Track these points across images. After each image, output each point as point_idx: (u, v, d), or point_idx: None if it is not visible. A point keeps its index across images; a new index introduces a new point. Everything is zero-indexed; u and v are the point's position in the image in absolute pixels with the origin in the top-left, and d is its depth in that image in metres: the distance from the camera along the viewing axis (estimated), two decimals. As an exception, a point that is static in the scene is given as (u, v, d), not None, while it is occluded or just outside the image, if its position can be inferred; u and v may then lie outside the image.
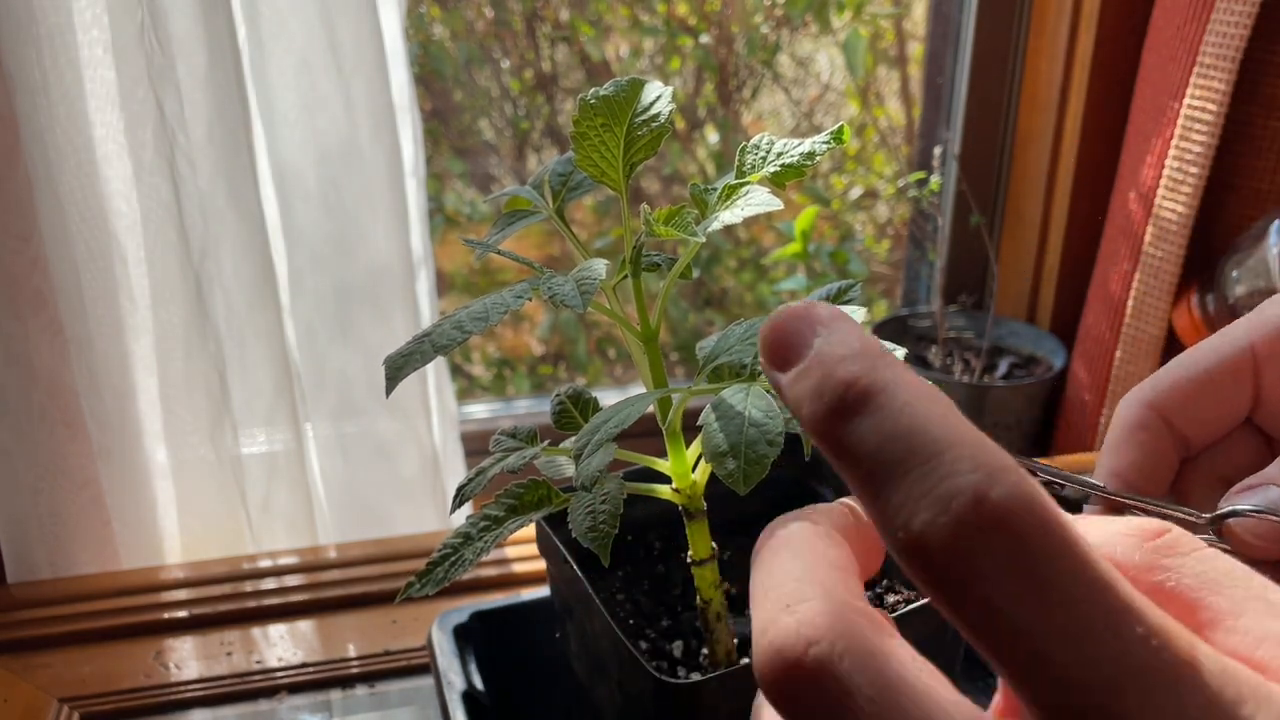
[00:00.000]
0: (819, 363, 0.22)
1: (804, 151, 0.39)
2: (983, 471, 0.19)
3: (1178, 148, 0.94)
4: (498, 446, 0.43)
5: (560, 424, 0.43)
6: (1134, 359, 1.01)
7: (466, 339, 0.34)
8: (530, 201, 0.43)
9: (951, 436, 0.19)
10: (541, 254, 1.72)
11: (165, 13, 0.74)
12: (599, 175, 0.39)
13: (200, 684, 0.69)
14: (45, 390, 0.78)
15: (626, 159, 0.38)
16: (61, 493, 0.81)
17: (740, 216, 0.36)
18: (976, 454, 0.19)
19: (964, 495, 0.19)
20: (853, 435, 0.21)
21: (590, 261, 0.36)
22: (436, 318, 0.93)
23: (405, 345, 0.35)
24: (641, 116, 0.38)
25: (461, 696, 0.55)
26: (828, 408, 0.21)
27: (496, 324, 0.34)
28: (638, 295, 0.38)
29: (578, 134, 0.38)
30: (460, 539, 0.41)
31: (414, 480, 0.95)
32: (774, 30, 1.68)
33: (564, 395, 0.43)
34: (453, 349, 0.34)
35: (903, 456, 0.20)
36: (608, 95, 0.37)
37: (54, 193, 0.74)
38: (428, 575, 0.40)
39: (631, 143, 0.38)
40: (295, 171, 0.84)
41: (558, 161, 0.43)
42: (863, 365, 0.21)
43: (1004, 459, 0.19)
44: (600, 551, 0.37)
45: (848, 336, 0.22)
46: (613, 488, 0.38)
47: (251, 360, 0.86)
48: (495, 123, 1.72)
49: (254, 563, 0.82)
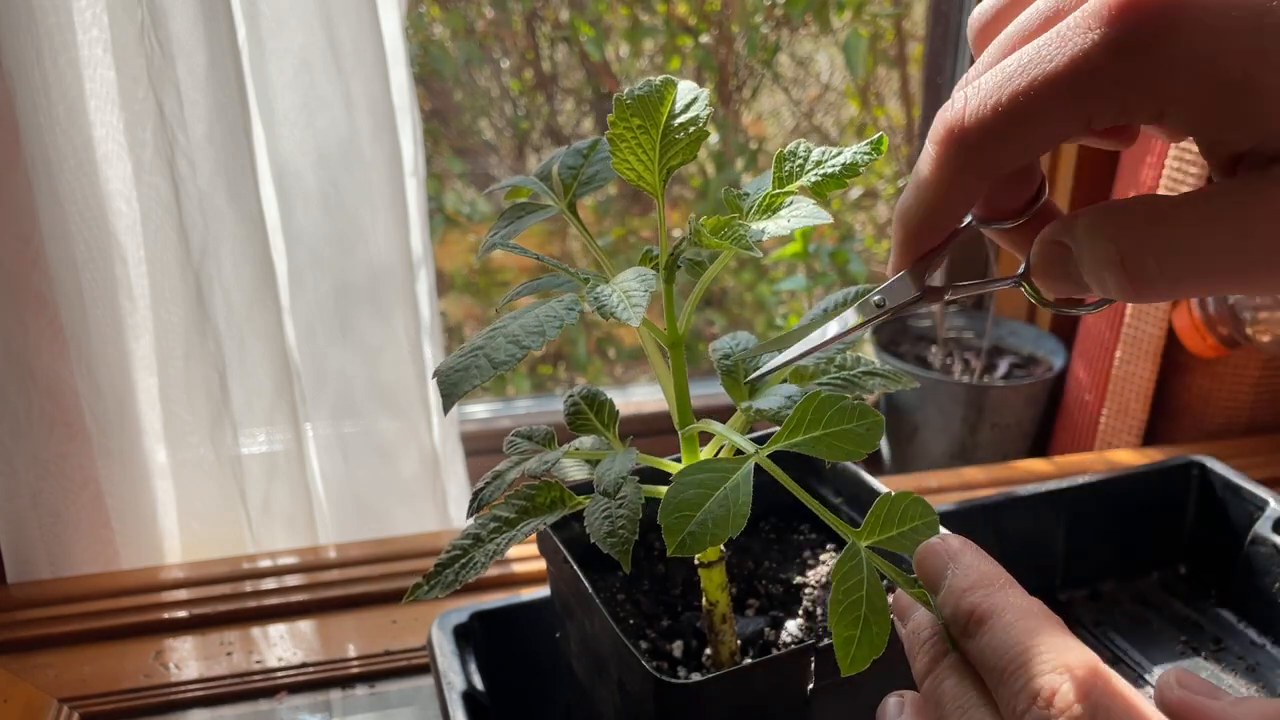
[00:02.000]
0: (949, 594, 0.32)
1: (845, 163, 0.38)
2: (1059, 672, 0.28)
3: (1178, 147, 0.94)
4: (513, 449, 0.42)
5: (574, 425, 0.42)
6: (1134, 359, 1.01)
7: (524, 355, 0.33)
8: (531, 191, 0.42)
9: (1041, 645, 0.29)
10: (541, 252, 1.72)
11: (165, 13, 0.74)
12: (635, 179, 0.38)
13: (200, 684, 0.69)
14: (45, 390, 0.78)
15: (663, 163, 0.37)
16: (61, 493, 0.81)
17: (788, 228, 0.34)
18: (1057, 657, 0.28)
19: (1044, 691, 0.27)
20: (973, 650, 0.31)
21: (635, 271, 0.35)
22: (436, 318, 0.93)
23: (457, 358, 0.34)
24: (678, 119, 0.37)
25: (461, 696, 0.55)
26: (960, 630, 0.31)
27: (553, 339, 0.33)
28: (668, 301, 0.38)
29: (614, 135, 0.37)
30: (470, 540, 0.39)
31: (414, 480, 0.95)
32: (774, 30, 1.68)
33: (578, 396, 0.43)
34: (511, 366, 0.33)
35: (1004, 664, 0.29)
36: (642, 95, 0.37)
37: (54, 193, 0.74)
38: (437, 577, 0.39)
39: (668, 146, 0.37)
40: (295, 171, 0.84)
41: (567, 154, 0.42)
42: (980, 595, 0.31)
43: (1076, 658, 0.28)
44: (621, 558, 0.36)
45: (968, 569, 0.32)
46: (630, 492, 0.37)
47: (251, 360, 0.85)
48: (495, 123, 1.72)
49: (254, 563, 0.82)
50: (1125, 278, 0.30)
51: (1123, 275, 0.30)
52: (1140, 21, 0.27)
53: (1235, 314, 0.92)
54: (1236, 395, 1.01)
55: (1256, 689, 0.67)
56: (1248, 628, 0.71)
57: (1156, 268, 0.29)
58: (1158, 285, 0.30)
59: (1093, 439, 1.07)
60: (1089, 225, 0.31)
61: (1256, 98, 0.27)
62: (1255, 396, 1.01)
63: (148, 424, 0.85)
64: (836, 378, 0.44)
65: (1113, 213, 0.31)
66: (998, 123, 0.30)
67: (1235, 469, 0.73)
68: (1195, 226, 0.29)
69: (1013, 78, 0.30)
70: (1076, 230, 0.32)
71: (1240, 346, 0.95)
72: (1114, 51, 0.28)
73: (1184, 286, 0.30)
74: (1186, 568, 0.76)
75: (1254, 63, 0.27)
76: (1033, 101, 0.29)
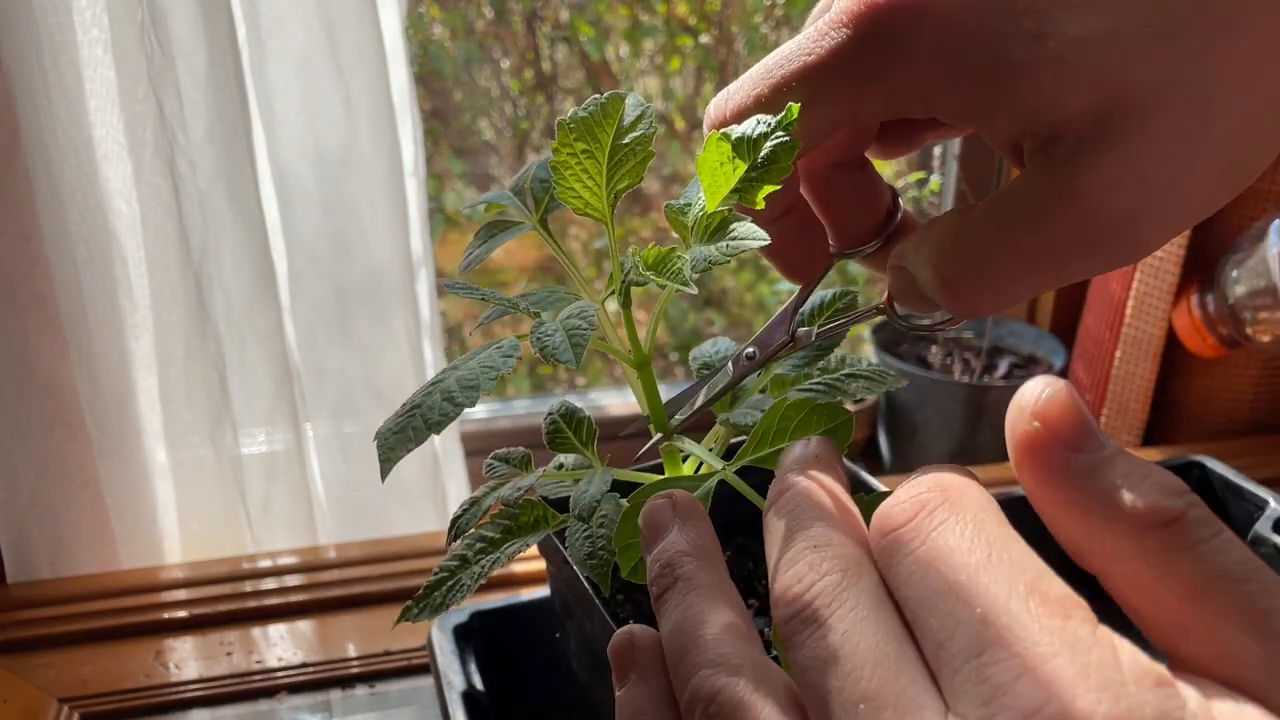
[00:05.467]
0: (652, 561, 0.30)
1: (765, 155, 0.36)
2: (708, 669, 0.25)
3: None
4: (491, 473, 0.41)
5: (554, 444, 0.42)
6: (1134, 359, 1.01)
7: (459, 412, 0.32)
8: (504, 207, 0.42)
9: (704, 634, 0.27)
10: (538, 255, 1.72)
11: (165, 13, 0.74)
12: (583, 207, 0.36)
13: (200, 684, 0.69)
14: (45, 390, 0.78)
15: (610, 187, 0.35)
16: (61, 493, 0.81)
17: (726, 257, 0.32)
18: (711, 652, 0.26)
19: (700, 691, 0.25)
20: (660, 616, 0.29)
21: (578, 306, 0.34)
22: (436, 318, 0.93)
23: (395, 420, 0.33)
24: (625, 139, 0.34)
25: (461, 696, 0.55)
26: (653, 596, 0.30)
27: (489, 391, 0.32)
28: (629, 325, 0.37)
29: (558, 163, 0.35)
30: (457, 561, 0.39)
31: (414, 480, 0.95)
32: (774, 30, 1.68)
33: (556, 414, 0.42)
34: (446, 425, 0.32)
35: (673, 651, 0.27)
36: (585, 117, 0.34)
37: (54, 193, 0.74)
38: (425, 599, 0.39)
39: (616, 168, 0.35)
40: (295, 171, 0.84)
41: (539, 166, 0.40)
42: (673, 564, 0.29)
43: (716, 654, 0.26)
44: (600, 580, 0.35)
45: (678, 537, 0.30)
46: (610, 510, 0.36)
47: (251, 360, 0.85)
48: (495, 123, 1.72)
49: (254, 563, 0.82)
50: (950, 297, 0.29)
51: (947, 296, 0.29)
52: (889, 10, 0.27)
53: (1235, 314, 0.92)
54: (1237, 395, 1.01)
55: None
56: (1248, 628, 0.71)
57: (977, 283, 0.29)
58: (984, 300, 0.29)
59: (1093, 439, 1.07)
60: (914, 248, 0.31)
61: (1009, 80, 0.26)
62: (1255, 396, 1.01)
63: (148, 424, 0.85)
64: (819, 382, 0.43)
65: (929, 233, 0.30)
66: (761, 111, 0.30)
67: (1235, 469, 0.73)
68: (999, 233, 0.28)
69: (772, 71, 0.30)
70: (907, 254, 0.31)
71: (1240, 346, 0.95)
72: (867, 41, 0.28)
73: (1010, 295, 0.29)
74: (1186, 568, 0.76)
75: (1001, 44, 0.26)
76: (793, 92, 0.29)
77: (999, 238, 0.28)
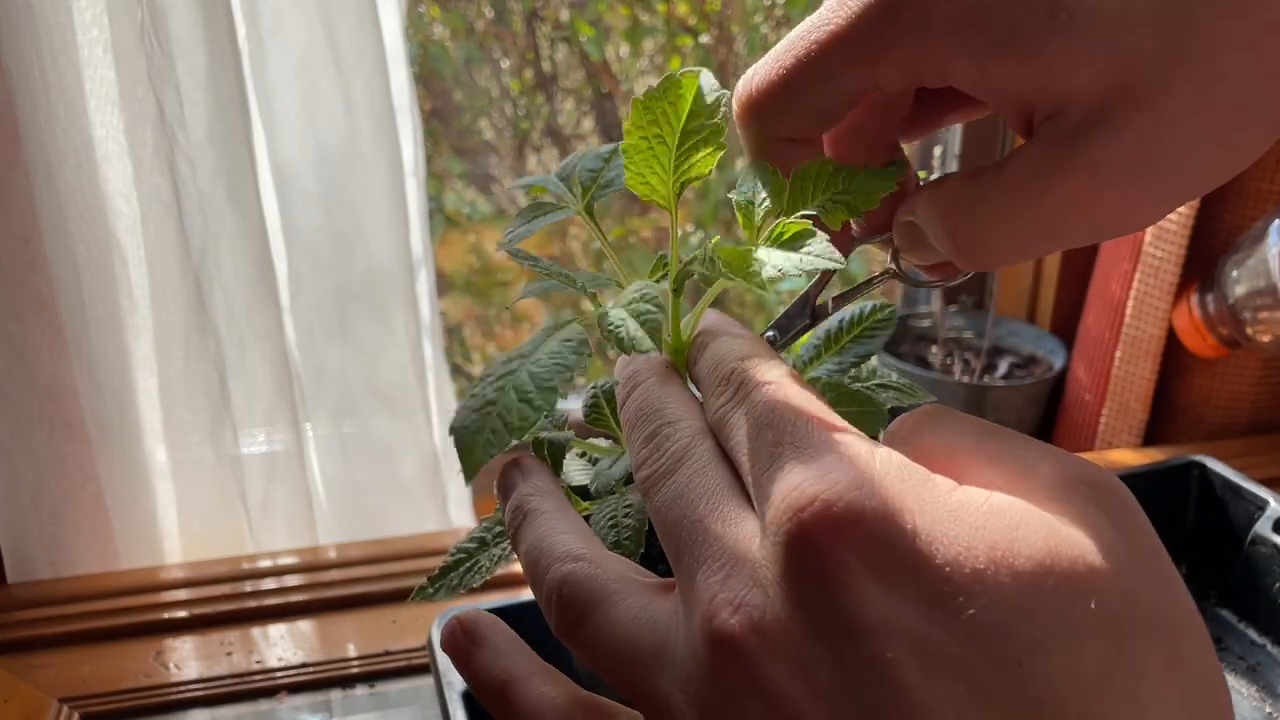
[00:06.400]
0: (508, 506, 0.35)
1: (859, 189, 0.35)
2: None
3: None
4: None
5: (591, 419, 0.41)
6: (1134, 359, 1.01)
7: (539, 416, 0.31)
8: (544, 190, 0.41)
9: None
10: (541, 252, 1.72)
11: (165, 13, 0.74)
12: (649, 193, 0.34)
13: (200, 684, 0.69)
14: (45, 390, 0.78)
15: (677, 177, 0.34)
16: (61, 493, 0.81)
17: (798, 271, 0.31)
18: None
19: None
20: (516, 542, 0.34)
21: (638, 289, 0.33)
22: (436, 318, 0.93)
23: (469, 415, 0.31)
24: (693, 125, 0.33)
25: (461, 696, 0.55)
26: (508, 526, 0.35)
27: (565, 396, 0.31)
28: (675, 312, 0.36)
29: (629, 146, 0.34)
30: (475, 543, 0.39)
31: (414, 480, 0.95)
32: (774, 30, 1.68)
33: (600, 390, 0.40)
34: (528, 430, 0.31)
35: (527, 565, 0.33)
36: (657, 96, 0.33)
37: (54, 193, 0.74)
38: (442, 579, 0.38)
39: (685, 155, 0.34)
40: (295, 171, 0.84)
41: (588, 157, 0.40)
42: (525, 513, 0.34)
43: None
44: None
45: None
46: (637, 499, 0.35)
47: (251, 360, 0.85)
48: (495, 123, 1.72)
49: (254, 563, 0.82)
50: (955, 250, 0.32)
51: (954, 248, 0.32)
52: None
53: (1235, 314, 0.92)
54: (1236, 395, 1.01)
55: (1256, 689, 0.67)
56: (1248, 628, 0.71)
57: (981, 240, 0.31)
58: (984, 256, 0.31)
59: (1093, 439, 1.07)
60: (925, 203, 0.32)
61: (1020, 51, 0.27)
62: (1255, 396, 1.01)
63: (148, 424, 0.85)
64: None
65: (941, 189, 0.32)
66: (786, 82, 0.31)
67: (1235, 469, 0.73)
68: (1004, 198, 0.30)
69: (795, 44, 0.31)
70: (917, 209, 0.33)
71: (1240, 346, 0.95)
72: (883, 10, 0.29)
73: (1009, 255, 0.31)
74: (1186, 567, 0.76)
75: (1013, 15, 0.27)
76: (815, 61, 0.30)
77: (1006, 204, 0.30)
